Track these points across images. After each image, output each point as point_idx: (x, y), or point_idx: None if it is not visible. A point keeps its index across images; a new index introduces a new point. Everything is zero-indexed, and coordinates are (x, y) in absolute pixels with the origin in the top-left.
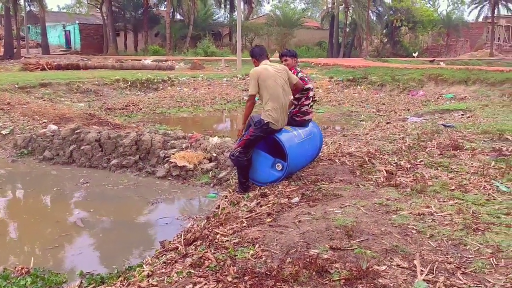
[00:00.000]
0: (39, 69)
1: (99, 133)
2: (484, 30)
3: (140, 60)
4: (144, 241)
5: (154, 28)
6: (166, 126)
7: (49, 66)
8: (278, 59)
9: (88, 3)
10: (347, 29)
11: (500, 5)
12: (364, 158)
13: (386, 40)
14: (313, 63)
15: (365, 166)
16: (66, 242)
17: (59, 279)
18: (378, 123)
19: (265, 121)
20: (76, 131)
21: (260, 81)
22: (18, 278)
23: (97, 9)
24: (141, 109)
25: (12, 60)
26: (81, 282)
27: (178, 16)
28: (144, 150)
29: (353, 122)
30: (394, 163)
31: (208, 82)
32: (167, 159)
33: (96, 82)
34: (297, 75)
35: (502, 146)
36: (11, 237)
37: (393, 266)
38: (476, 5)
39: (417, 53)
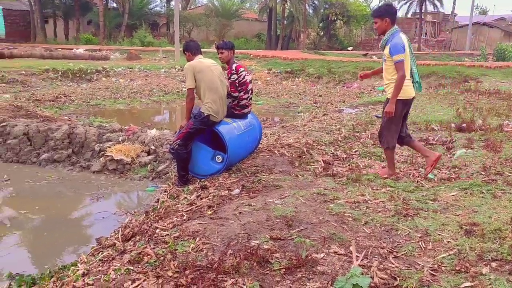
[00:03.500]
0: None
1: (27, 126)
2: (412, 26)
3: (72, 49)
4: (79, 238)
5: (87, 15)
6: (101, 118)
7: None
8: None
9: None
10: (285, 22)
11: (427, 2)
12: (302, 149)
13: (322, 33)
14: (251, 55)
15: (304, 156)
16: None
17: None
18: (316, 114)
19: (205, 114)
20: (1, 124)
21: (196, 73)
22: None
23: None
24: (73, 100)
25: None
26: (10, 284)
27: (113, 4)
28: (78, 144)
29: (291, 114)
30: (331, 153)
31: (145, 73)
32: (102, 152)
33: (23, 72)
34: (231, 76)
35: (429, 136)
36: None
37: (331, 253)
38: (405, 1)
39: (352, 48)
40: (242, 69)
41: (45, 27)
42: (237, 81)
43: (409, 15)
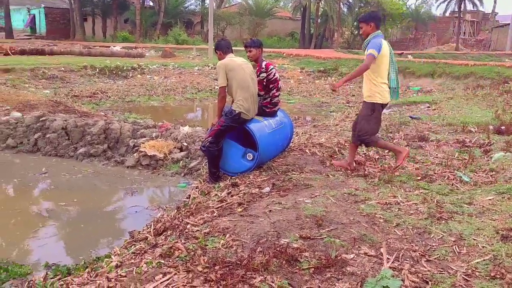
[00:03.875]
0: (2, 54)
1: (65, 121)
2: (450, 25)
3: (109, 46)
4: (112, 231)
5: (124, 14)
6: (135, 114)
7: (12, 51)
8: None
9: None
10: (319, 20)
11: (466, 1)
12: (334, 148)
13: (356, 32)
14: (285, 54)
15: (335, 156)
16: (30, 233)
17: (23, 271)
18: (348, 114)
19: (237, 112)
20: (41, 119)
21: (228, 71)
22: None
23: None
24: (109, 97)
25: None
26: (47, 274)
27: (149, 3)
28: (113, 139)
29: (323, 113)
30: (363, 153)
31: (179, 71)
32: (136, 148)
33: (63, 69)
34: (260, 74)
35: (465, 138)
36: None
37: (361, 254)
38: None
39: None
40: (271, 66)
41: (84, 25)
42: (265, 80)
43: (447, 14)
